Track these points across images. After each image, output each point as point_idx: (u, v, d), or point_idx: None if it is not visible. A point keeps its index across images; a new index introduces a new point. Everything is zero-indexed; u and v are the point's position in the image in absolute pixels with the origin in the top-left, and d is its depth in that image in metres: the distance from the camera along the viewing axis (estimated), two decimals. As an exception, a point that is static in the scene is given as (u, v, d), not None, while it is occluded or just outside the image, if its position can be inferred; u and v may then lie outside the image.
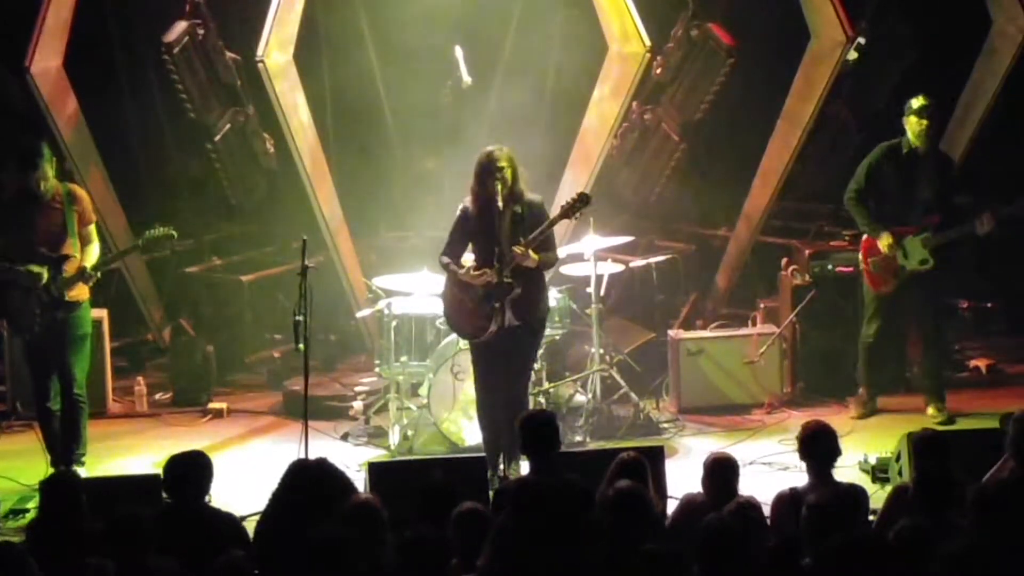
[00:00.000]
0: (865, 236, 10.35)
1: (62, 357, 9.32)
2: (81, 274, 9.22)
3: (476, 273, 9.09)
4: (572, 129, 11.69)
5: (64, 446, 9.39)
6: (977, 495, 6.22)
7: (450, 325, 9.54)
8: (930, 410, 10.33)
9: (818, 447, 7.20)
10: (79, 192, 9.45)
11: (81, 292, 9.30)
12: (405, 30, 11.68)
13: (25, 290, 9.19)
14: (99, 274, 9.38)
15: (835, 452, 7.21)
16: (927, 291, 10.29)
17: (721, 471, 7.09)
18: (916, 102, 10.10)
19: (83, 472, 9.14)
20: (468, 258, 9.24)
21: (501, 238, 9.03)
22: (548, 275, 9.62)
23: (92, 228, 9.41)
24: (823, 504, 6.44)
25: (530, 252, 8.97)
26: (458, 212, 9.24)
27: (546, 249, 9.15)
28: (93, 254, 9.34)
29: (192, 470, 6.94)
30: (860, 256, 10.43)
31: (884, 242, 10.19)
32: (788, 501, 7.04)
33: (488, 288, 9.06)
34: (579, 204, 9.13)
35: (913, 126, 10.10)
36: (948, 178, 10.26)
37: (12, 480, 9.42)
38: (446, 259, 9.23)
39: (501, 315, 9.05)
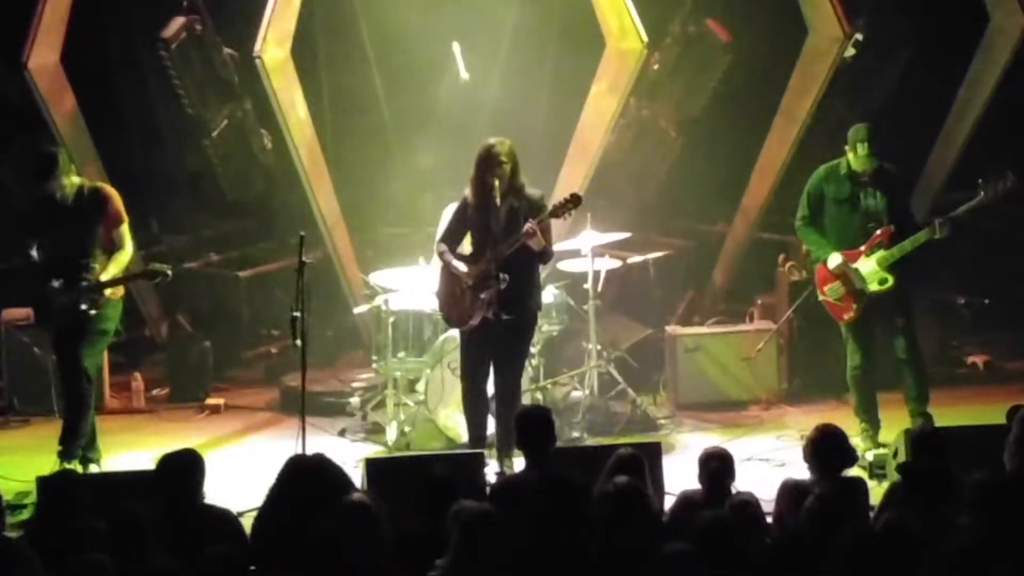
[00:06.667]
0: (818, 266, 9.82)
1: (74, 344, 9.10)
2: (98, 286, 8.97)
3: (459, 265, 9.10)
4: (569, 125, 11.68)
5: (62, 440, 9.19)
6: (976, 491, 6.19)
7: (440, 312, 9.55)
8: None
9: (827, 452, 7.11)
10: (106, 191, 9.26)
11: (111, 292, 9.14)
12: (403, 25, 11.67)
13: (53, 287, 9.05)
14: (106, 293, 9.07)
15: (843, 457, 7.09)
16: (894, 311, 9.74)
17: (716, 466, 7.09)
18: (855, 132, 9.56)
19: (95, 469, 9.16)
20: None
21: (496, 231, 9.04)
22: (544, 271, 9.61)
23: (124, 228, 9.21)
24: (826, 497, 6.42)
25: (538, 232, 8.89)
26: (459, 201, 9.27)
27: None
28: (122, 260, 9.14)
29: (183, 468, 6.92)
30: (817, 289, 9.87)
31: (833, 262, 9.60)
32: (792, 491, 7.04)
33: (476, 279, 9.08)
34: (569, 205, 9.10)
35: (858, 152, 9.47)
36: (898, 189, 9.75)
37: (7, 478, 9.40)
38: (442, 246, 9.25)
39: (488, 307, 9.04)
